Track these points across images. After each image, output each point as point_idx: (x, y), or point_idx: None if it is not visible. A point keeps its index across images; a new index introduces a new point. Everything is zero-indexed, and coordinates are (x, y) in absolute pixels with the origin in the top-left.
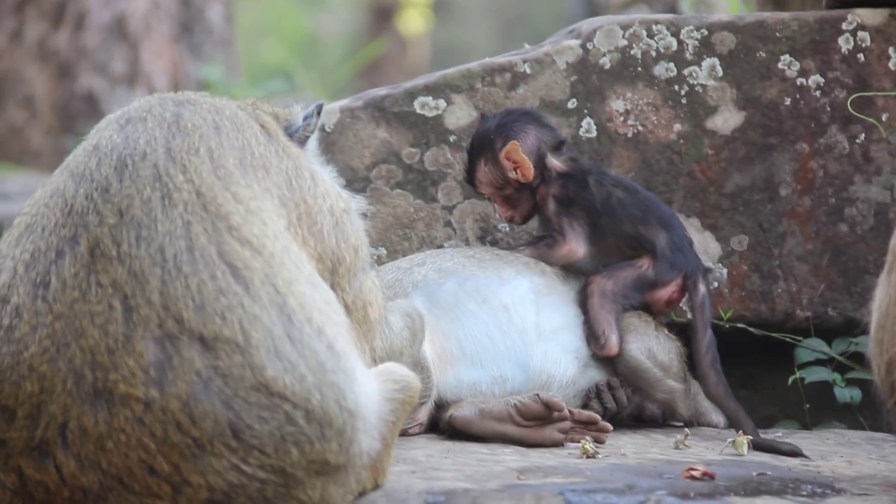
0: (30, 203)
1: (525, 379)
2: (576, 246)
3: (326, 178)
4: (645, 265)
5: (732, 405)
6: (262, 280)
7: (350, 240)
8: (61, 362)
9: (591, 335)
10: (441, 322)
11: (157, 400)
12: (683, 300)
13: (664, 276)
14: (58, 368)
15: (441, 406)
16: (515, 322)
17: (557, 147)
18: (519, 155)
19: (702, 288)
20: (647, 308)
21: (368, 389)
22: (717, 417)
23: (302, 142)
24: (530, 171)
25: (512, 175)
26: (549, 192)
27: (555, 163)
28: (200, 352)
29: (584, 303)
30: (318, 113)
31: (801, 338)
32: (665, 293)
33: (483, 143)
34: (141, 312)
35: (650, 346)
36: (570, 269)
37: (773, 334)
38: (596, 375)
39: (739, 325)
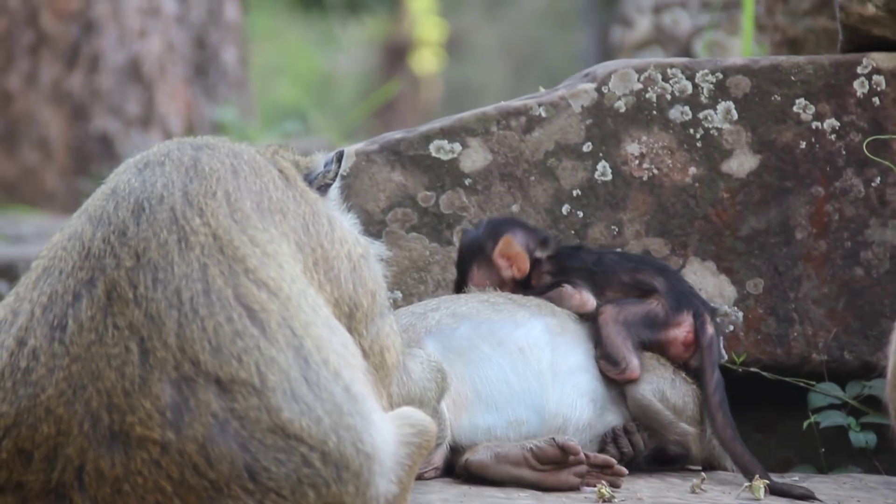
0: (47, 246)
1: (540, 422)
2: (587, 296)
3: (345, 224)
4: (654, 303)
5: (739, 448)
6: (278, 322)
7: (367, 285)
8: (78, 405)
9: (610, 361)
10: (455, 366)
11: (174, 442)
12: None
13: (675, 315)
14: (74, 411)
15: (456, 450)
16: (531, 364)
17: (543, 243)
18: (514, 248)
19: (710, 328)
20: (664, 351)
21: (385, 432)
22: (731, 463)
23: (322, 189)
24: (526, 264)
25: (507, 273)
26: (541, 272)
27: (544, 254)
28: (217, 394)
29: (597, 333)
30: (339, 160)
31: (814, 382)
32: (680, 333)
33: (473, 250)
34: (157, 355)
35: (663, 389)
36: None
37: (786, 378)
38: (613, 419)
39: (753, 370)
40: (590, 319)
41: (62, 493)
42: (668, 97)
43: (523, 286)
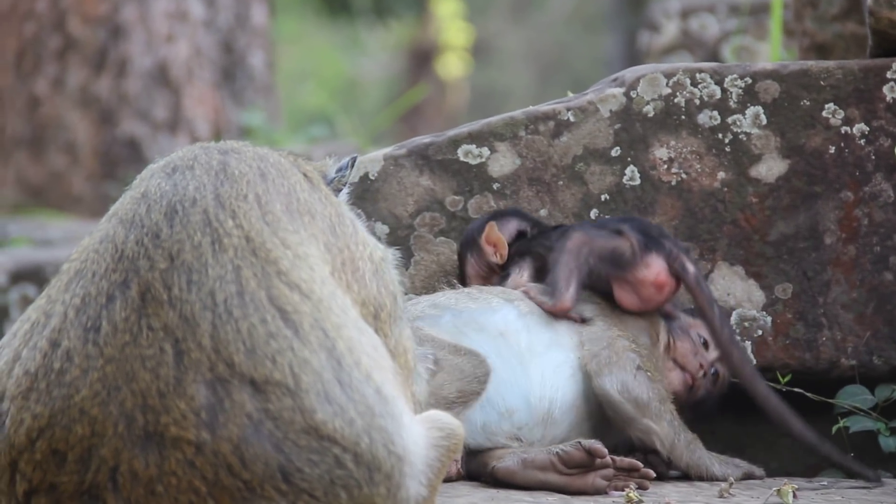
0: (78, 249)
1: (528, 409)
2: (518, 279)
3: (367, 232)
4: (622, 240)
5: (762, 389)
6: (311, 324)
7: (389, 287)
8: (112, 406)
9: (545, 292)
10: None
11: (209, 443)
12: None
13: (643, 254)
14: (109, 412)
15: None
16: (512, 347)
17: (542, 233)
18: (495, 234)
19: (690, 267)
20: (637, 293)
21: (415, 434)
22: (723, 469)
23: (335, 193)
24: (506, 249)
25: (493, 259)
26: (513, 253)
27: None
28: (251, 395)
29: (555, 258)
30: (352, 166)
31: (832, 400)
32: (649, 274)
33: (467, 238)
34: (192, 356)
35: (625, 381)
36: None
37: (808, 393)
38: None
39: (772, 385)
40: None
41: (95, 495)
42: (697, 102)
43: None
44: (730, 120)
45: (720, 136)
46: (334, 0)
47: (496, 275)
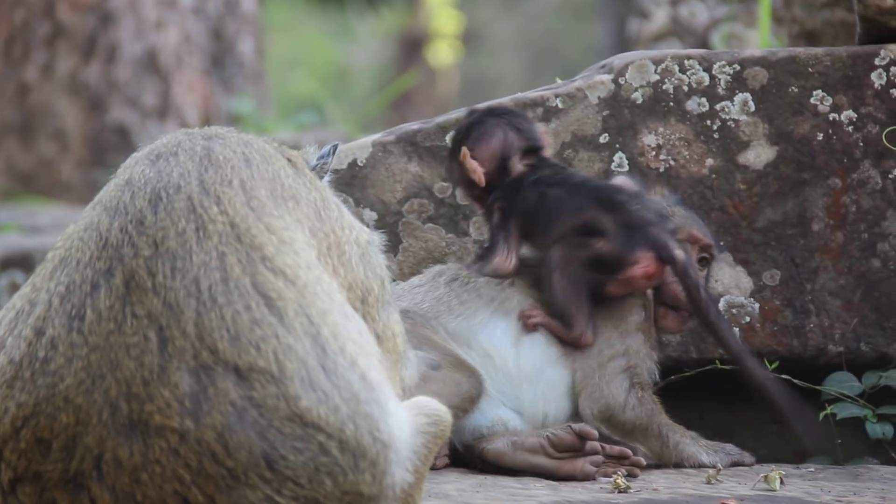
0: (63, 237)
1: (522, 420)
2: (502, 260)
3: (351, 215)
4: (602, 245)
5: (751, 364)
6: (295, 310)
7: (376, 271)
8: (97, 394)
9: (563, 321)
10: None
11: (193, 431)
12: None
13: (628, 253)
14: (93, 400)
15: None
16: (500, 368)
17: (529, 152)
18: (469, 162)
19: (678, 254)
20: (631, 286)
21: (401, 421)
22: (711, 457)
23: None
24: (481, 177)
25: (473, 177)
26: (494, 199)
27: (516, 168)
28: (235, 382)
29: (546, 280)
30: (333, 153)
31: (820, 387)
32: (637, 270)
33: (452, 144)
34: (176, 343)
35: (613, 408)
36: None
37: (795, 380)
38: None
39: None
40: (536, 265)
41: (80, 483)
42: (686, 88)
43: (488, 193)
44: (718, 107)
45: (708, 122)
46: None
47: (477, 188)
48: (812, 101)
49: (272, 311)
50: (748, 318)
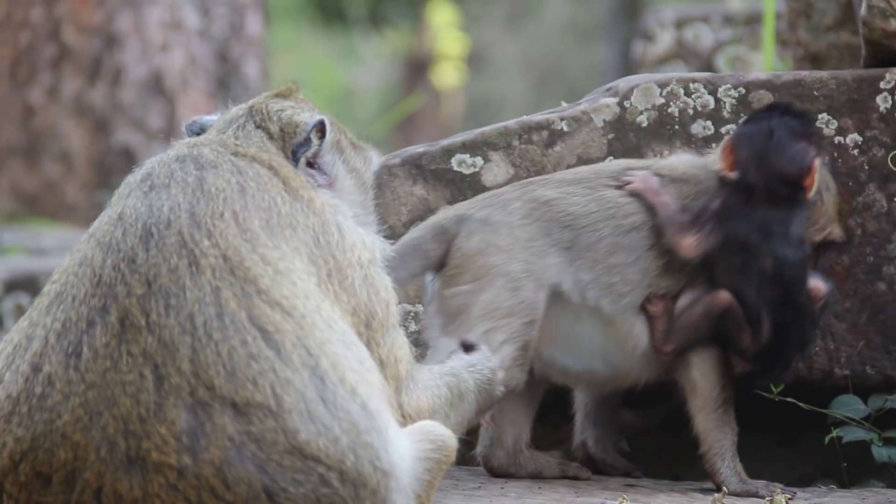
0: (58, 270)
1: None
2: (693, 243)
3: (352, 227)
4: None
5: None
6: (293, 343)
7: (381, 293)
8: (94, 431)
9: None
10: None
11: (190, 467)
12: None
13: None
14: (91, 437)
15: None
16: None
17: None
18: (726, 155)
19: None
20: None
21: (402, 449)
22: (737, 486)
23: (297, 161)
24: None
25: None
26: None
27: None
28: (233, 417)
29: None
30: (320, 132)
31: (826, 410)
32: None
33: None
34: (172, 381)
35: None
36: None
37: (801, 404)
38: None
39: (762, 393)
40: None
41: None
42: (691, 112)
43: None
44: (723, 130)
45: (714, 146)
46: (330, 9)
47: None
48: (817, 124)
49: (269, 345)
50: None
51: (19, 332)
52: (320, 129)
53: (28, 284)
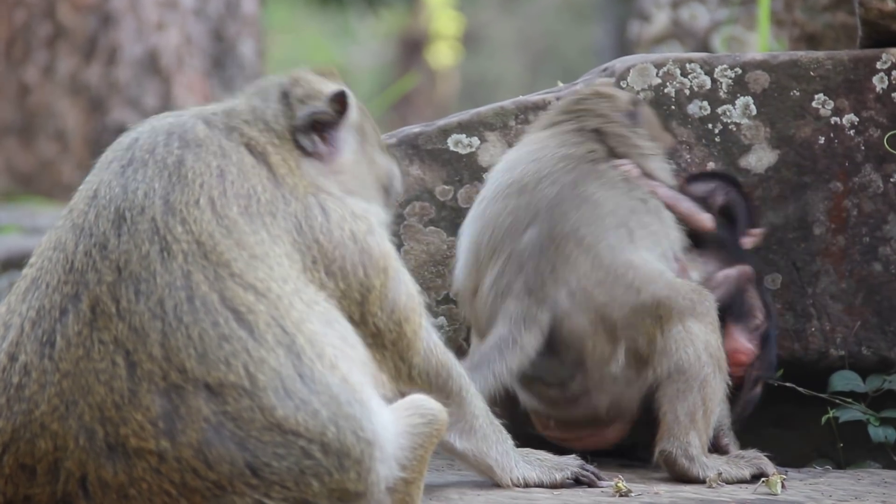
0: (36, 252)
1: None
2: (709, 219)
3: (338, 203)
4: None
5: None
6: (267, 323)
7: (378, 263)
8: (72, 420)
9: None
10: None
11: (170, 450)
12: None
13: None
14: (69, 426)
15: None
16: None
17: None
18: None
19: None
20: None
21: (386, 420)
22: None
23: (306, 132)
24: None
25: None
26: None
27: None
28: (207, 399)
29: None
30: (338, 101)
31: (824, 394)
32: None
33: None
34: (144, 367)
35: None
36: None
37: (799, 388)
38: None
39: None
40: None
41: (69, 503)
42: (687, 92)
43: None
44: (720, 110)
45: (710, 126)
46: None
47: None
48: (813, 104)
49: (242, 325)
50: None
51: None
52: (341, 100)
53: (23, 263)
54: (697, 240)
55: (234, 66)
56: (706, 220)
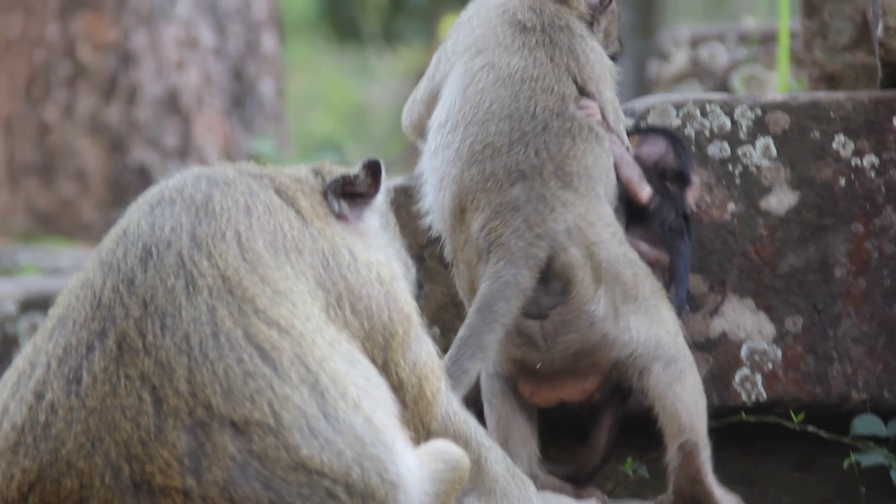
0: (63, 293)
1: None
2: (649, 194)
3: (372, 247)
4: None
5: None
6: (291, 360)
7: (403, 309)
8: (98, 457)
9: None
10: None
11: (195, 488)
12: None
13: None
14: (95, 464)
15: None
16: None
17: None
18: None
19: None
20: None
21: (410, 462)
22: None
23: (336, 194)
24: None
25: None
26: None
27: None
28: (232, 436)
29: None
30: (369, 171)
31: (846, 437)
32: None
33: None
34: (170, 402)
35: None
36: None
37: (820, 431)
38: None
39: (772, 419)
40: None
41: None
42: (707, 133)
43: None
44: (740, 151)
45: (730, 167)
46: (343, 26)
47: None
48: (834, 146)
49: (266, 362)
50: (770, 365)
51: (24, 358)
52: (374, 170)
53: (43, 304)
54: (633, 207)
55: (254, 105)
56: (644, 194)
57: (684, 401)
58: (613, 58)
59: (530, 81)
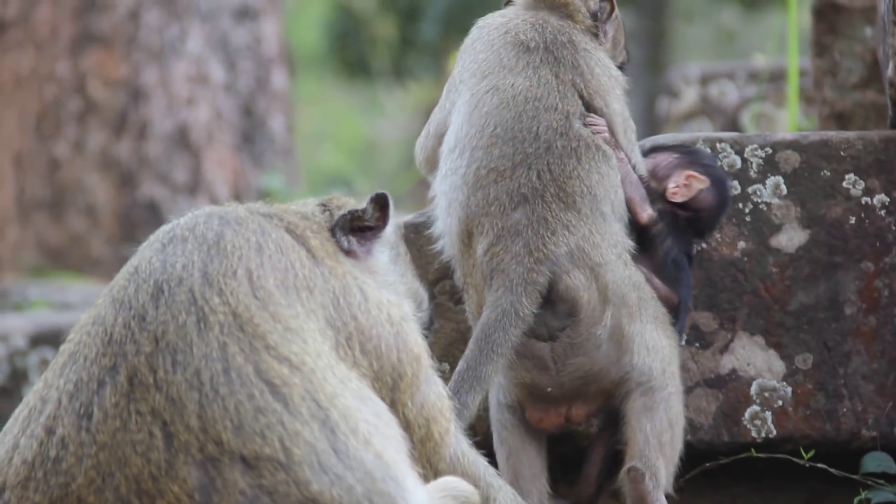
0: (74, 329)
1: None
2: (651, 216)
3: (383, 285)
4: None
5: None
6: (301, 396)
7: (412, 350)
8: (108, 492)
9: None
10: None
11: None
12: None
13: None
14: (105, 499)
15: None
16: None
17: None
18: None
19: None
20: None
21: (420, 499)
22: None
23: (344, 230)
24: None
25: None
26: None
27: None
28: (243, 472)
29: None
30: (377, 204)
31: (855, 475)
32: None
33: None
34: (181, 438)
35: None
36: None
37: (831, 469)
38: None
39: (781, 456)
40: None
41: None
42: None
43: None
44: (750, 190)
45: (740, 205)
46: (353, 61)
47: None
48: (844, 184)
49: (277, 398)
50: (780, 402)
51: (35, 394)
52: (382, 204)
53: (53, 339)
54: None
55: (264, 141)
56: (644, 215)
57: (645, 431)
58: (621, 68)
59: (534, 101)
